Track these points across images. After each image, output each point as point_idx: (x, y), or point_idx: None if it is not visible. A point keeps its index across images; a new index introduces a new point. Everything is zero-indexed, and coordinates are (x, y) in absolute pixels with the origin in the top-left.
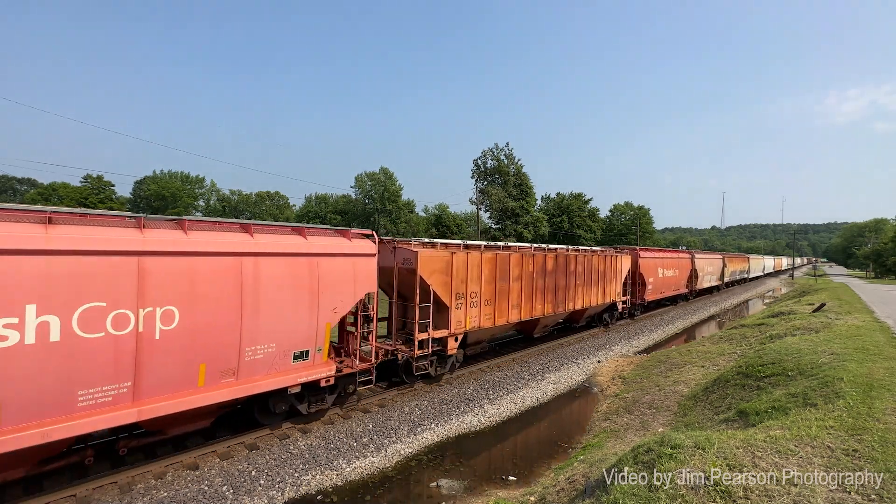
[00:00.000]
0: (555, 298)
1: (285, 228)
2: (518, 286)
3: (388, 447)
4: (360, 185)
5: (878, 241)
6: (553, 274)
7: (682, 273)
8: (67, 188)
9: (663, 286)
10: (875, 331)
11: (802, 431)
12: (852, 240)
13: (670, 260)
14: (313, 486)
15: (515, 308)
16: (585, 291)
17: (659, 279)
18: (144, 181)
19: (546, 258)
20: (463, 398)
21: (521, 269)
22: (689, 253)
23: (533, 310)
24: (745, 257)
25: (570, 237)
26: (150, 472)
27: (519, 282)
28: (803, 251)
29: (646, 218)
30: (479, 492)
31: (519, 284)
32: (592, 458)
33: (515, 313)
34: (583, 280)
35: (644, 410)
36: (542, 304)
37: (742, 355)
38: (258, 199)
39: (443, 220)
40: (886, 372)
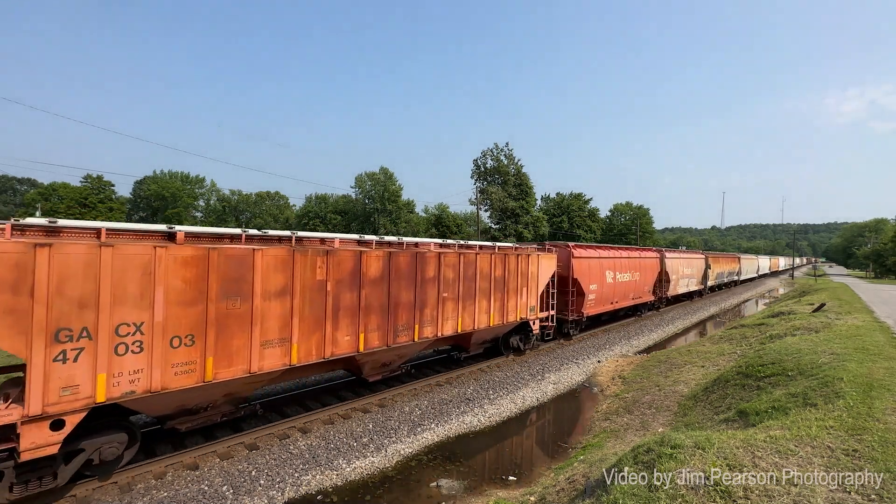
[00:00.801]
0: (387, 321)
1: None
2: (282, 306)
3: (388, 447)
4: (360, 185)
5: (878, 241)
6: (382, 282)
7: (646, 277)
8: (67, 188)
9: (615, 295)
10: (875, 331)
11: (802, 431)
12: (852, 240)
13: (626, 261)
14: (313, 486)
15: (276, 346)
16: (468, 307)
17: (608, 285)
18: (144, 181)
19: (364, 258)
20: (463, 398)
21: (289, 278)
22: (657, 251)
23: (322, 346)
24: (734, 257)
25: (571, 237)
26: (150, 473)
27: (285, 299)
28: (803, 251)
29: (646, 218)
30: (479, 492)
31: (284, 303)
32: (592, 458)
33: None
34: (460, 290)
35: (644, 410)
36: (351, 333)
37: (742, 355)
38: (258, 199)
39: (443, 220)
40: (886, 372)
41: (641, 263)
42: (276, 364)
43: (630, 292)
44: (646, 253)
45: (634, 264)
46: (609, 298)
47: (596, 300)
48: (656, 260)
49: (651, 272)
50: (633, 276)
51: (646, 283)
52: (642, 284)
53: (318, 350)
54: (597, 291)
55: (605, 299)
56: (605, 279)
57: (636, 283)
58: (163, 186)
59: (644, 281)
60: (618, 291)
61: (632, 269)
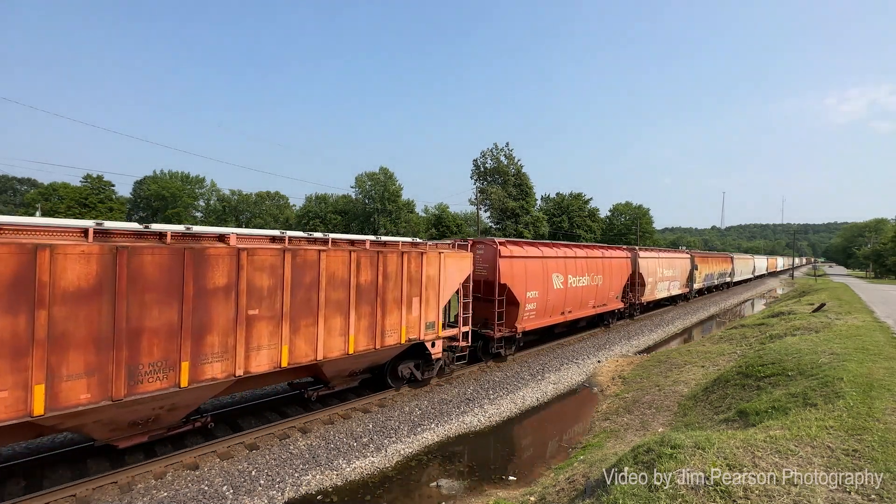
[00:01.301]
0: (109, 360)
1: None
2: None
3: (388, 447)
4: (360, 186)
5: (878, 241)
6: (97, 296)
7: (612, 280)
8: (67, 188)
9: (568, 303)
10: (875, 331)
11: (802, 431)
12: (852, 240)
13: (583, 261)
14: (313, 486)
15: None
16: (305, 327)
17: (556, 292)
18: (144, 181)
19: (47, 258)
20: (463, 398)
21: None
22: (627, 250)
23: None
24: (726, 257)
25: (571, 237)
26: (150, 472)
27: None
28: (803, 251)
29: (645, 218)
30: (479, 492)
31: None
32: (592, 457)
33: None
34: (286, 304)
35: (644, 410)
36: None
37: (742, 355)
38: (258, 199)
39: (443, 220)
40: (886, 372)
41: (606, 265)
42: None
43: (589, 299)
44: (612, 252)
45: (596, 266)
46: (558, 307)
47: (538, 310)
48: (626, 260)
49: (619, 274)
50: (594, 280)
51: (612, 288)
52: (607, 289)
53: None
54: (538, 300)
55: (551, 309)
56: (550, 284)
57: (598, 289)
58: (163, 186)
59: (610, 285)
60: (572, 299)
61: (592, 272)
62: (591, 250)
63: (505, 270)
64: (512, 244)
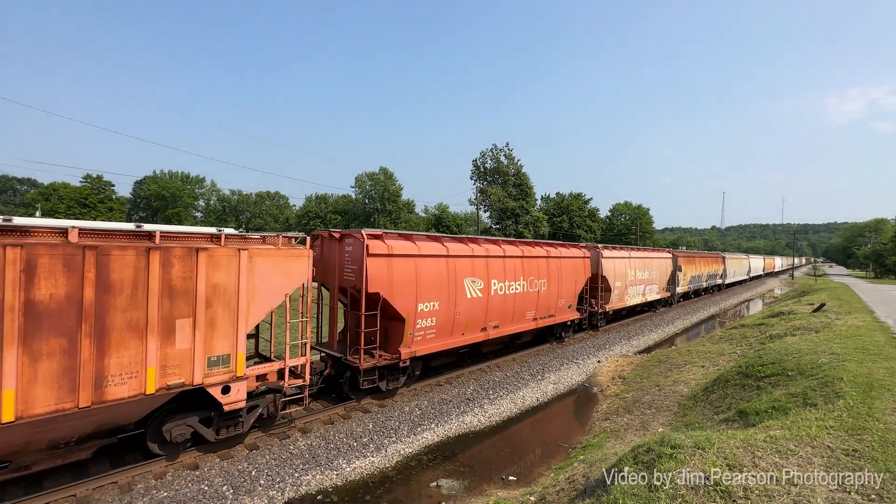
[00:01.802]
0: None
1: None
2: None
3: (388, 447)
4: (360, 185)
5: (878, 241)
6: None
7: (563, 285)
8: (67, 188)
9: (493, 315)
10: (875, 331)
11: (802, 431)
12: (852, 240)
13: (518, 262)
14: (313, 486)
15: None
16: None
17: (473, 302)
18: (144, 181)
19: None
20: (463, 398)
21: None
22: (585, 248)
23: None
24: (717, 257)
25: (571, 237)
26: (150, 472)
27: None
28: (803, 251)
29: (645, 218)
30: (479, 492)
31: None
32: (592, 457)
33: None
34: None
35: (644, 410)
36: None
37: (742, 355)
38: (258, 199)
39: (443, 220)
40: (886, 372)
41: (553, 266)
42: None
43: (528, 309)
44: (563, 251)
45: (537, 267)
46: (476, 322)
47: (440, 327)
48: (582, 261)
49: (573, 278)
50: (535, 286)
51: (563, 295)
52: (554, 297)
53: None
54: (440, 313)
55: (463, 325)
56: (461, 292)
57: (542, 296)
58: (163, 186)
59: (559, 291)
60: (499, 309)
61: (531, 275)
62: (529, 248)
63: (376, 274)
64: (394, 238)
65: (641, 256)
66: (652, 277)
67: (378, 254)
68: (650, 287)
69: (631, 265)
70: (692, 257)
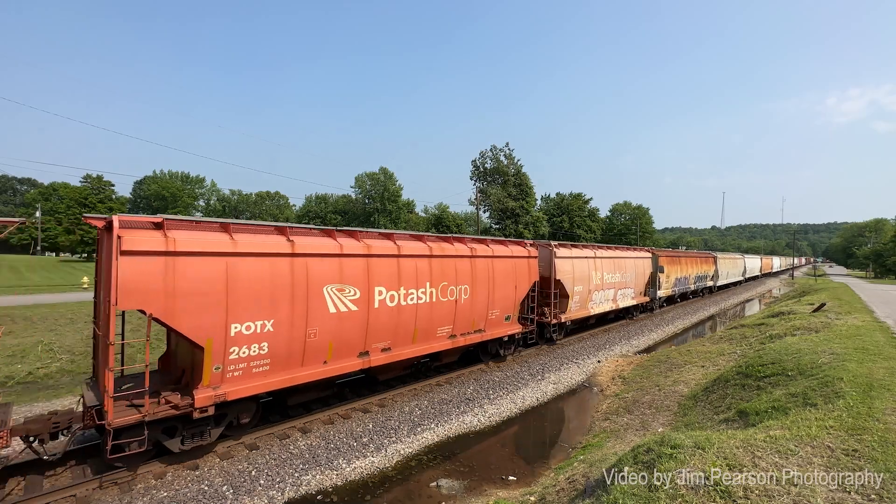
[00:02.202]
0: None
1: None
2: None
3: (388, 447)
4: (360, 185)
5: (878, 241)
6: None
7: (490, 294)
8: (67, 188)
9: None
10: (875, 331)
11: (802, 431)
12: (852, 240)
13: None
14: (313, 486)
15: None
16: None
17: (329, 321)
18: (144, 181)
19: None
20: (463, 398)
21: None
22: (531, 246)
23: None
24: (707, 257)
25: (570, 237)
26: (150, 473)
27: None
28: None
29: (645, 217)
30: (479, 492)
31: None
32: (592, 457)
33: None
34: None
35: (644, 410)
36: None
37: (742, 355)
38: (258, 199)
39: (443, 220)
40: (886, 372)
41: (481, 268)
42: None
43: (441, 324)
44: (496, 248)
45: (454, 271)
46: (354, 344)
47: (276, 356)
48: (528, 261)
49: (513, 282)
50: (452, 294)
51: (496, 304)
52: (482, 307)
53: None
54: (276, 337)
55: (327, 349)
56: (320, 305)
57: (462, 307)
58: (163, 186)
59: (491, 300)
60: (388, 326)
61: (445, 280)
62: (442, 244)
63: (138, 281)
64: (187, 228)
65: (610, 256)
66: (626, 280)
67: (143, 251)
68: (624, 291)
69: (596, 266)
70: (677, 257)
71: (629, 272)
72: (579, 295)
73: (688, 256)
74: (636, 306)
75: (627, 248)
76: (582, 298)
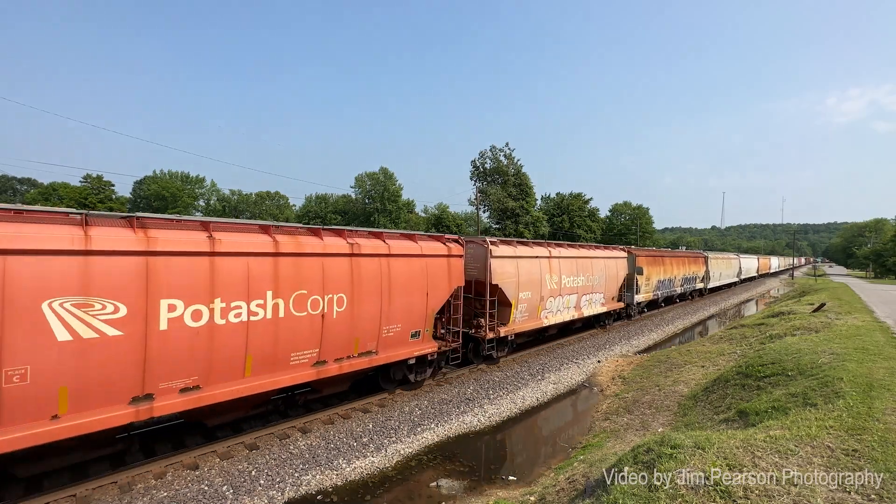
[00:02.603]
0: None
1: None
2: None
3: (388, 447)
4: (360, 185)
5: (878, 241)
6: None
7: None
8: (67, 188)
9: (144, 372)
10: (875, 331)
11: (802, 431)
12: (852, 240)
13: (222, 261)
14: (313, 486)
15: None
16: None
17: (81, 347)
18: (144, 181)
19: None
20: (463, 398)
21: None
22: (453, 242)
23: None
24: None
25: (570, 237)
26: (150, 473)
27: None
28: (803, 251)
29: (645, 217)
30: (479, 492)
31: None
32: (592, 457)
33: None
34: None
35: (644, 410)
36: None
37: (742, 355)
38: (258, 199)
39: (443, 220)
40: (886, 372)
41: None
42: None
43: (301, 347)
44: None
45: (321, 272)
46: (121, 385)
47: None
48: (446, 261)
49: (422, 288)
50: (316, 306)
51: (396, 317)
52: (372, 321)
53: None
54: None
55: (56, 398)
56: (40, 332)
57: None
58: (163, 186)
59: (388, 311)
60: (193, 354)
61: (304, 286)
62: (301, 238)
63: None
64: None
65: (571, 256)
66: (593, 284)
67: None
68: (590, 297)
69: (552, 268)
70: (660, 257)
71: (597, 274)
72: (527, 303)
73: (673, 256)
74: (608, 313)
75: (596, 246)
76: (531, 307)
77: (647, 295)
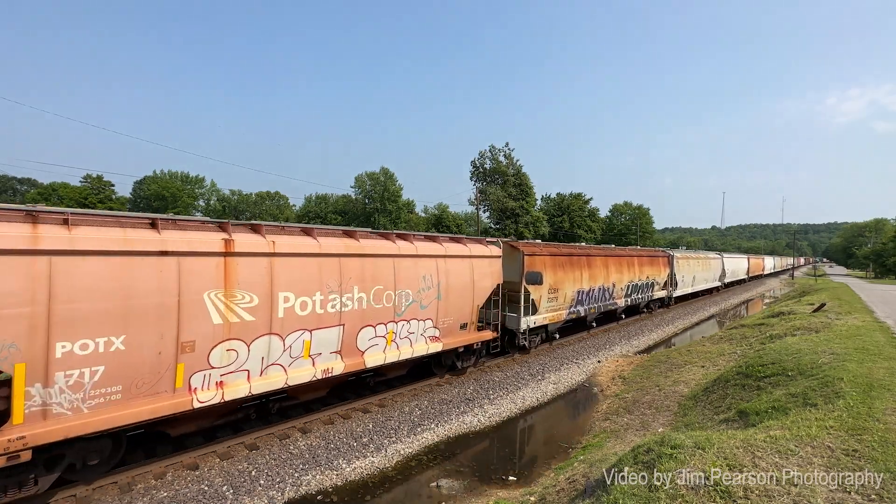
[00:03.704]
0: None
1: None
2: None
3: (388, 447)
4: (360, 185)
5: (878, 241)
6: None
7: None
8: (67, 188)
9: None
10: (875, 331)
11: (802, 431)
12: (852, 240)
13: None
14: (313, 486)
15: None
16: None
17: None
18: (144, 181)
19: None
20: (463, 398)
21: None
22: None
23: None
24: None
25: (571, 237)
26: (150, 472)
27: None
28: (803, 251)
29: (645, 217)
30: (479, 492)
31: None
32: (592, 458)
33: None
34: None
35: (644, 410)
36: None
37: (742, 355)
38: (258, 199)
39: (443, 220)
40: (886, 372)
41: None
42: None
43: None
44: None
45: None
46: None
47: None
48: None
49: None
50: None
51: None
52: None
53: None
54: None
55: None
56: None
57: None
58: (163, 186)
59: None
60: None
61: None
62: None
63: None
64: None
65: (357, 254)
66: (389, 308)
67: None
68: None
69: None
70: (578, 256)
71: (411, 288)
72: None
73: (607, 255)
74: (438, 356)
75: (426, 236)
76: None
77: (551, 315)
